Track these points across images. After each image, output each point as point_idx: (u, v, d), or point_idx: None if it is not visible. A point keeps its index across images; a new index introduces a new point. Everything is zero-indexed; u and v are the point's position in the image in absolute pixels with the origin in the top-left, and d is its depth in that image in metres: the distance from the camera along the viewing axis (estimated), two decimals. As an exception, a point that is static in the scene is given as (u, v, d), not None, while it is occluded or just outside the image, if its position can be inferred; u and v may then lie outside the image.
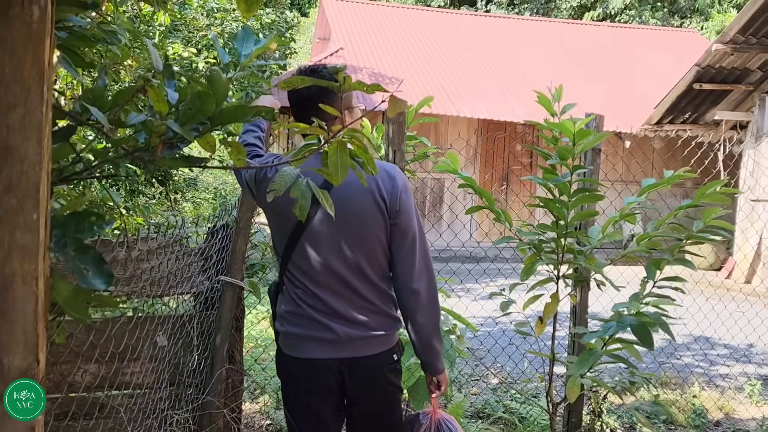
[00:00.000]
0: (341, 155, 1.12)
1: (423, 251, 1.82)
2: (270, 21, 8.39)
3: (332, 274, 1.76)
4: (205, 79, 1.03)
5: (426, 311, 1.81)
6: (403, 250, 1.78)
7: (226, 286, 2.45)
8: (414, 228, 1.79)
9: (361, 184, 1.65)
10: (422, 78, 12.90)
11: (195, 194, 14.10)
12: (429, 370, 1.93)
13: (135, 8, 5.18)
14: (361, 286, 1.77)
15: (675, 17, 21.63)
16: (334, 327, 1.76)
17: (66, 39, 1.27)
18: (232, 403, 2.48)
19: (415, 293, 1.78)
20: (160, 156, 1.08)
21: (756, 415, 4.09)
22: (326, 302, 1.76)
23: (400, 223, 1.77)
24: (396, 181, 1.78)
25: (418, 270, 1.79)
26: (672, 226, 2.58)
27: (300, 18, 22.33)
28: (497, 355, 4.40)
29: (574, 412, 3.02)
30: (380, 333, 1.80)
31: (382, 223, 1.76)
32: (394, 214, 1.76)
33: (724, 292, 7.67)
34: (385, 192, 1.75)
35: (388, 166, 1.84)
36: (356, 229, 1.74)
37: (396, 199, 1.75)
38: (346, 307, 1.77)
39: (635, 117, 12.02)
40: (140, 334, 1.76)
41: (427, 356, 1.88)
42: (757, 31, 9.03)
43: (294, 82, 1.15)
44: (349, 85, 1.08)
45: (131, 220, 5.23)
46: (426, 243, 1.85)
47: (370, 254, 1.76)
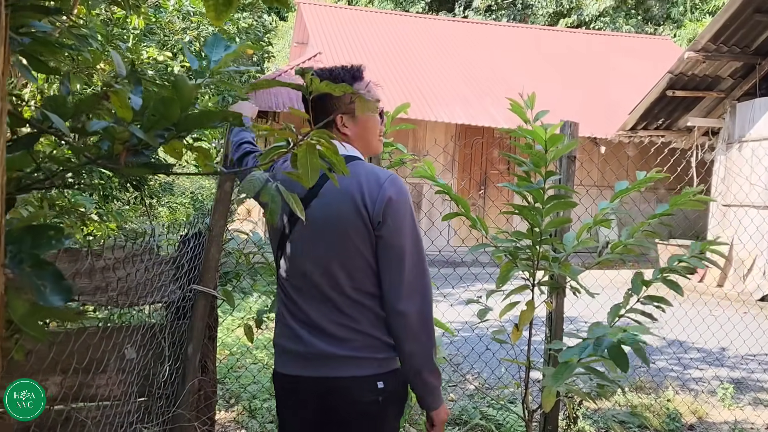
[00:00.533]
0: (311, 157, 1.10)
1: (416, 269, 1.62)
2: (247, 25, 8.33)
3: (312, 285, 1.65)
4: (171, 84, 1.01)
5: (415, 338, 1.61)
6: (387, 265, 1.61)
7: (198, 295, 2.40)
8: (402, 242, 1.60)
9: (347, 191, 1.59)
10: (400, 83, 12.92)
11: (171, 199, 13.93)
12: (422, 405, 1.71)
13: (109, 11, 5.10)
14: (341, 299, 1.63)
15: (649, 24, 21.99)
16: (304, 338, 1.65)
17: (28, 45, 1.23)
18: (205, 414, 2.43)
19: (400, 315, 1.60)
20: (124, 163, 1.05)
21: (728, 418, 4.14)
22: (305, 312, 1.67)
23: (384, 235, 1.60)
24: (384, 189, 1.60)
25: (407, 290, 1.60)
26: (646, 233, 2.59)
27: (278, 22, 22.25)
28: (474, 361, 4.40)
29: (550, 419, 3.03)
30: (362, 355, 1.63)
31: (364, 234, 1.60)
32: (378, 225, 1.59)
33: (697, 296, 7.78)
34: (368, 200, 1.59)
35: (383, 173, 1.66)
36: (335, 238, 1.62)
37: (380, 208, 1.59)
38: (324, 321, 1.64)
39: (611, 123, 12.18)
40: (106, 348, 1.71)
41: (417, 390, 1.67)
42: (728, 39, 9.22)
43: (261, 85, 1.12)
44: (317, 86, 1.06)
45: (104, 226, 5.14)
46: (423, 261, 1.64)
47: (350, 266, 1.62)
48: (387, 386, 1.64)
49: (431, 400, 1.68)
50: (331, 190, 1.62)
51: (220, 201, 2.41)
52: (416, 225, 1.65)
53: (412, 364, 1.63)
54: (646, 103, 10.45)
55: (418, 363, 1.62)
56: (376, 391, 1.63)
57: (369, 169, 1.66)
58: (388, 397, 1.64)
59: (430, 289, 1.65)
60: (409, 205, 1.64)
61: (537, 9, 21.34)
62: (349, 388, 1.63)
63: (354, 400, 1.63)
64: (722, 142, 10.42)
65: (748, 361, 5.51)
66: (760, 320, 5.87)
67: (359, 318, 1.63)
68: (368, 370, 1.63)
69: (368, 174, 1.63)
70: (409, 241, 1.61)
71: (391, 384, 1.65)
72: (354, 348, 1.63)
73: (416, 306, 1.60)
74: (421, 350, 1.62)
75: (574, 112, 12.53)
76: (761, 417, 4.19)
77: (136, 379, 1.99)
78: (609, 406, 4.11)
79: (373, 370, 1.63)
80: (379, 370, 1.64)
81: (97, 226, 5.12)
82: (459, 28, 16.39)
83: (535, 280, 2.63)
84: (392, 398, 1.67)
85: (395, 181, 1.64)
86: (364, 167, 1.66)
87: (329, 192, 1.62)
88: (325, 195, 1.63)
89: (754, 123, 9.74)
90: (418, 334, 1.61)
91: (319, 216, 1.63)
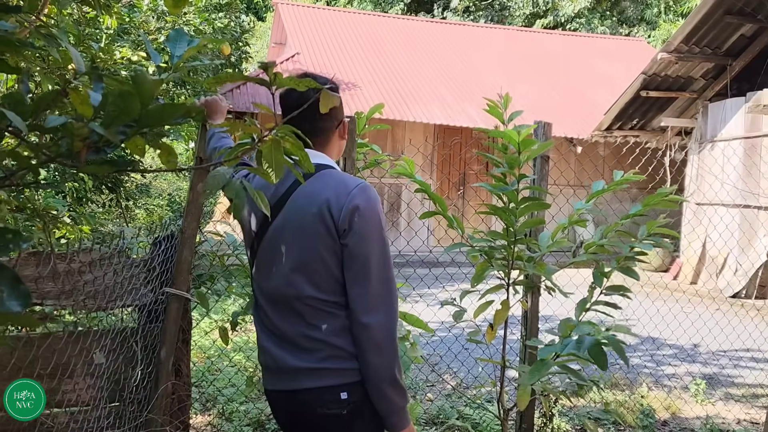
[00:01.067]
0: (275, 153, 1.09)
1: (382, 281, 1.57)
2: (222, 25, 8.26)
3: (278, 293, 1.62)
4: (131, 79, 0.99)
5: (378, 350, 1.54)
6: (352, 275, 1.56)
7: (171, 297, 2.37)
8: (367, 252, 1.55)
9: (315, 198, 1.58)
10: (379, 83, 12.93)
11: (148, 201, 13.78)
12: (386, 426, 1.61)
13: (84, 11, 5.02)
14: (305, 309, 1.59)
15: (623, 26, 22.28)
16: (272, 351, 1.64)
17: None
18: (178, 417, 2.40)
19: (363, 327, 1.54)
20: (84, 161, 1.03)
21: (700, 413, 4.21)
22: (273, 321, 1.64)
23: (349, 244, 1.55)
24: (351, 197, 1.56)
25: (371, 301, 1.54)
26: (620, 232, 2.62)
27: (256, 22, 22.12)
28: (450, 361, 4.41)
29: (525, 417, 3.04)
30: (325, 366, 1.57)
31: (329, 242, 1.56)
32: (343, 232, 1.55)
33: (671, 293, 7.89)
34: (335, 208, 1.55)
35: (352, 181, 1.62)
36: (301, 246, 1.58)
37: (345, 216, 1.54)
38: (290, 330, 1.61)
39: (587, 123, 12.32)
40: (72, 352, 1.67)
41: (379, 407, 1.58)
42: (699, 40, 9.37)
43: (224, 78, 1.11)
44: (281, 81, 1.05)
45: (76, 229, 5.06)
46: (389, 272, 1.59)
47: (315, 275, 1.57)
48: (352, 397, 1.57)
49: (396, 420, 1.59)
50: (300, 198, 1.60)
51: (192, 202, 2.38)
52: (384, 236, 1.60)
53: (373, 377, 1.56)
54: (620, 103, 10.58)
55: (379, 377, 1.55)
56: (339, 403, 1.56)
57: (339, 178, 1.63)
58: (354, 409, 1.57)
59: (395, 302, 1.59)
60: (378, 215, 1.59)
61: (514, 10, 21.51)
62: (312, 400, 1.58)
63: (317, 412, 1.58)
64: (695, 141, 10.59)
65: (720, 357, 5.61)
66: (731, 317, 5.97)
67: (323, 327, 1.58)
68: (331, 381, 1.57)
69: (337, 182, 1.61)
70: (375, 250, 1.57)
71: (356, 395, 1.58)
72: (318, 359, 1.58)
73: (380, 318, 1.55)
74: (383, 364, 1.55)
75: (550, 113, 12.66)
76: (732, 411, 4.26)
77: (107, 384, 1.96)
78: (585, 403, 4.15)
79: (336, 381, 1.57)
80: (343, 381, 1.57)
81: (69, 230, 5.04)
82: (437, 29, 16.45)
83: (510, 280, 2.64)
84: (360, 411, 1.59)
85: (364, 190, 1.60)
86: (334, 176, 1.64)
87: (297, 200, 1.61)
88: (293, 203, 1.61)
89: (725, 123, 9.91)
90: (381, 346, 1.54)
91: (286, 224, 1.61)
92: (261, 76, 1.12)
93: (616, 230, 2.60)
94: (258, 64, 1.06)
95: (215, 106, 2.16)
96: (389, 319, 1.56)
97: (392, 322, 1.57)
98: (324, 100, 1.10)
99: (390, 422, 1.60)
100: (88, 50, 4.20)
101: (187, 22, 7.16)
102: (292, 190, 1.61)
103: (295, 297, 1.59)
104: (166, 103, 0.98)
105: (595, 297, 2.52)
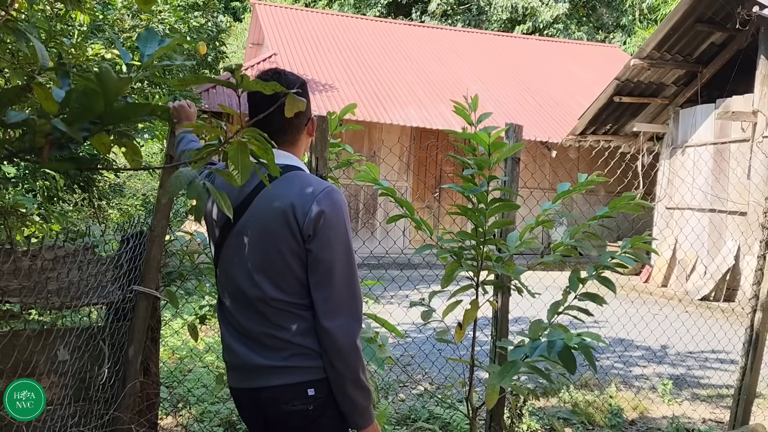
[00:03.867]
0: (242, 156, 1.10)
1: (346, 286, 1.58)
2: (198, 25, 8.20)
3: (241, 294, 1.62)
4: (95, 75, 0.99)
5: (340, 355, 1.56)
6: (316, 280, 1.56)
7: (139, 295, 2.36)
8: (331, 257, 1.56)
9: (280, 201, 1.57)
10: (356, 85, 12.94)
11: (122, 201, 13.59)
12: (350, 425, 1.64)
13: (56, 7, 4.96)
14: (268, 309, 1.59)
15: (600, 32, 22.61)
16: (236, 349, 1.65)
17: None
18: (145, 416, 2.39)
19: (326, 332, 1.55)
20: (47, 157, 1.03)
21: (667, 413, 4.29)
22: (237, 320, 1.65)
23: (313, 249, 1.55)
24: (318, 201, 1.56)
25: (335, 307, 1.56)
26: (587, 234, 2.67)
27: (233, 23, 21.99)
28: (421, 361, 4.44)
29: (494, 416, 3.08)
30: (290, 364, 1.59)
31: (293, 246, 1.56)
32: (308, 238, 1.55)
33: (641, 296, 8.03)
34: (299, 212, 1.55)
35: (319, 185, 1.61)
36: (264, 248, 1.58)
37: (310, 221, 1.54)
38: (254, 330, 1.62)
39: (562, 127, 12.48)
40: (35, 349, 1.66)
41: (343, 407, 1.61)
42: (671, 47, 9.57)
43: (190, 80, 1.12)
44: (248, 84, 1.06)
45: (46, 227, 4.99)
46: (354, 277, 1.60)
47: (277, 277, 1.58)
48: (318, 393, 1.59)
49: (358, 419, 1.62)
50: (265, 200, 1.60)
51: (162, 194, 2.37)
52: (349, 241, 1.61)
53: (336, 379, 1.58)
54: (594, 108, 10.74)
55: (342, 378, 1.58)
56: (305, 399, 1.58)
57: (306, 180, 1.62)
58: (320, 405, 1.60)
59: (359, 306, 1.61)
60: (343, 221, 1.59)
61: (491, 15, 21.70)
62: (277, 398, 1.59)
63: (283, 409, 1.59)
64: (666, 146, 10.79)
65: (687, 359, 5.73)
66: (698, 319, 6.10)
67: (288, 327, 1.59)
68: (297, 378, 1.59)
69: (304, 185, 1.60)
70: (339, 256, 1.57)
71: (323, 391, 1.60)
72: (283, 357, 1.59)
73: (343, 323, 1.56)
74: (346, 367, 1.57)
75: (526, 116, 12.80)
76: (698, 411, 4.35)
77: (72, 382, 1.94)
78: (555, 402, 4.21)
79: (302, 378, 1.59)
80: (309, 377, 1.59)
81: (39, 228, 4.97)
82: (415, 33, 16.53)
83: (479, 280, 2.67)
84: (326, 406, 1.61)
85: (330, 194, 1.59)
86: (300, 178, 1.63)
87: (262, 201, 1.60)
88: (258, 204, 1.61)
89: (695, 129, 10.12)
90: (343, 350, 1.56)
91: (250, 225, 1.61)
92: (231, 78, 1.13)
93: (583, 231, 2.65)
94: (223, 68, 1.07)
95: (183, 111, 2.17)
96: (352, 323, 1.57)
97: (355, 326, 1.58)
98: (290, 104, 1.11)
99: (353, 420, 1.62)
100: (59, 46, 4.15)
101: (162, 21, 7.11)
102: (258, 191, 1.61)
103: (259, 298, 1.60)
104: (131, 102, 0.98)
105: (569, 302, 2.55)
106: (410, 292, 5.74)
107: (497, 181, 2.53)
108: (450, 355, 3.25)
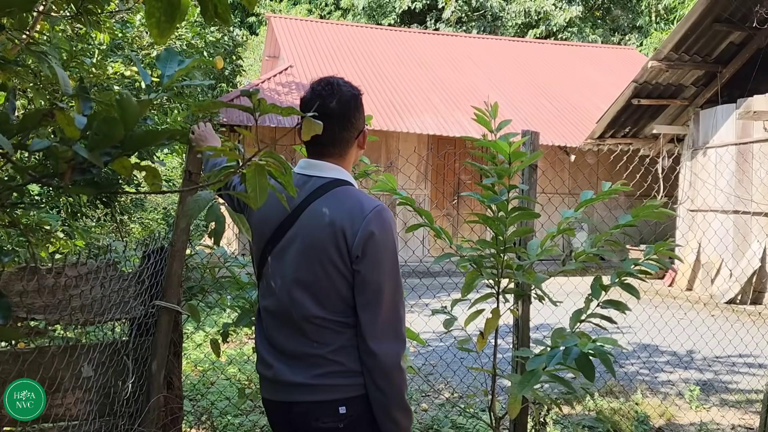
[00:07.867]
0: (259, 178, 1.11)
1: (393, 308, 1.57)
2: (215, 39, 8.31)
3: (281, 308, 1.63)
4: (116, 103, 1.01)
5: (386, 378, 1.56)
6: (364, 302, 1.56)
7: (161, 310, 2.38)
8: (380, 280, 1.55)
9: (329, 218, 1.55)
10: (371, 95, 12.99)
11: (143, 215, 13.76)
12: None
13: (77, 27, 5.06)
14: (307, 325, 1.59)
15: (615, 34, 22.45)
16: (272, 363, 1.65)
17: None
18: (170, 430, 2.41)
19: (372, 354, 1.55)
20: (69, 181, 1.05)
21: (695, 419, 4.22)
22: (273, 335, 1.66)
23: (362, 270, 1.54)
24: (367, 222, 1.54)
25: (381, 329, 1.55)
26: (609, 242, 2.64)
27: (249, 36, 22.22)
28: (443, 370, 4.42)
29: (518, 426, 3.05)
30: (324, 382, 1.58)
31: (340, 264, 1.55)
32: (356, 258, 1.54)
33: (667, 300, 7.91)
34: (349, 232, 1.54)
35: (369, 203, 1.58)
36: (309, 264, 1.57)
37: (360, 243, 1.53)
38: (290, 345, 1.62)
39: (580, 131, 12.39)
40: (59, 366, 1.69)
41: (384, 427, 1.61)
42: (689, 48, 9.46)
43: (207, 106, 1.13)
44: (264, 108, 1.07)
45: (70, 243, 5.07)
46: (401, 299, 1.60)
47: (320, 294, 1.57)
48: (350, 411, 1.58)
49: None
50: (313, 215, 1.58)
51: (181, 216, 2.40)
52: (397, 263, 1.60)
53: (381, 401, 1.58)
54: (612, 111, 10.65)
55: (386, 400, 1.58)
56: (336, 417, 1.58)
57: (355, 198, 1.60)
58: (352, 422, 1.59)
59: (403, 329, 1.61)
60: (392, 242, 1.58)
61: (506, 20, 21.66)
62: (308, 414, 1.59)
63: (313, 425, 1.59)
64: (687, 148, 10.66)
65: (715, 363, 5.62)
66: (725, 323, 6.00)
67: (326, 343, 1.59)
68: (329, 395, 1.58)
69: (353, 203, 1.59)
70: (388, 278, 1.56)
71: (355, 409, 1.59)
72: (317, 375, 1.59)
73: (389, 347, 1.56)
74: (391, 388, 1.58)
75: (544, 121, 12.74)
76: (726, 417, 4.27)
77: (96, 398, 1.97)
78: (580, 410, 4.16)
79: (335, 395, 1.58)
80: (342, 395, 1.59)
81: (63, 244, 5.05)
82: (430, 41, 16.56)
83: (500, 288, 2.66)
84: (356, 425, 1.60)
85: (380, 213, 1.57)
86: (351, 195, 1.61)
87: (310, 216, 1.58)
88: (305, 219, 1.59)
89: (716, 129, 9.98)
90: (389, 373, 1.56)
91: (297, 240, 1.60)
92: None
93: (606, 239, 2.62)
94: (241, 91, 1.08)
95: (205, 136, 2.19)
96: (397, 344, 1.58)
97: (400, 347, 1.59)
98: (306, 128, 1.12)
99: None
100: (80, 66, 4.24)
101: (179, 37, 7.21)
102: (306, 204, 1.60)
103: (300, 314, 1.60)
104: (150, 129, 1.00)
105: (592, 309, 2.52)
106: (430, 300, 5.72)
107: (516, 189, 2.52)
108: (472, 364, 3.23)
